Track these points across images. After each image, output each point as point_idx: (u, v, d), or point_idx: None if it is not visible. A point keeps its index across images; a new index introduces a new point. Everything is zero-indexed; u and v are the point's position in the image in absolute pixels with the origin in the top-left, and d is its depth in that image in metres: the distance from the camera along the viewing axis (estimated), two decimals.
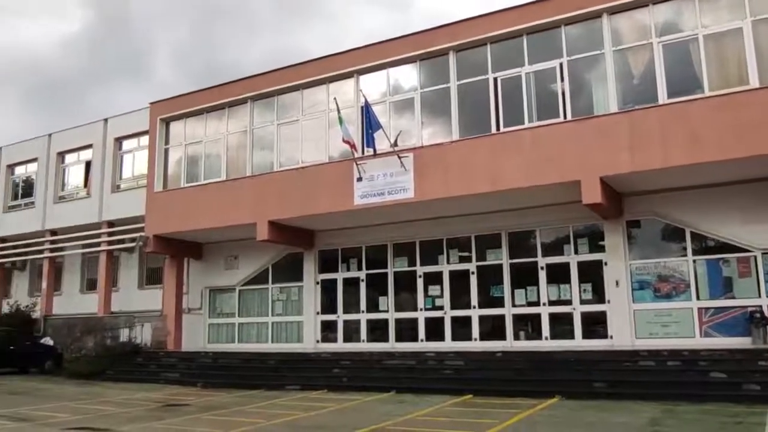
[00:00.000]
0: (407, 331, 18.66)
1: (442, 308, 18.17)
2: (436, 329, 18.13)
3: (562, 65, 15.46)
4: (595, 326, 16.11)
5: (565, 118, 15.21)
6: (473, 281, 17.86)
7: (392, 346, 18.49)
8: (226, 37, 79.46)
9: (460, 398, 13.18)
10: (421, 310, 18.50)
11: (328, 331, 20.09)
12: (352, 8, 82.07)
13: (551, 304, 16.72)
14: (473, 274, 17.92)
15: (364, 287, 19.65)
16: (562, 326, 16.52)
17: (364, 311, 19.49)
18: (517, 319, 17.16)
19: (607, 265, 16.09)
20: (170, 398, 14.99)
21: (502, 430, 9.73)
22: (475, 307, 17.69)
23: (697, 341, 14.57)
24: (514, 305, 17.19)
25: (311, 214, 18.04)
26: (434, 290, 18.43)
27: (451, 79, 16.76)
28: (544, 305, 16.78)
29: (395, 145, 16.45)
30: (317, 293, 20.37)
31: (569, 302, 16.47)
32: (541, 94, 15.75)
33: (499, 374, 14.38)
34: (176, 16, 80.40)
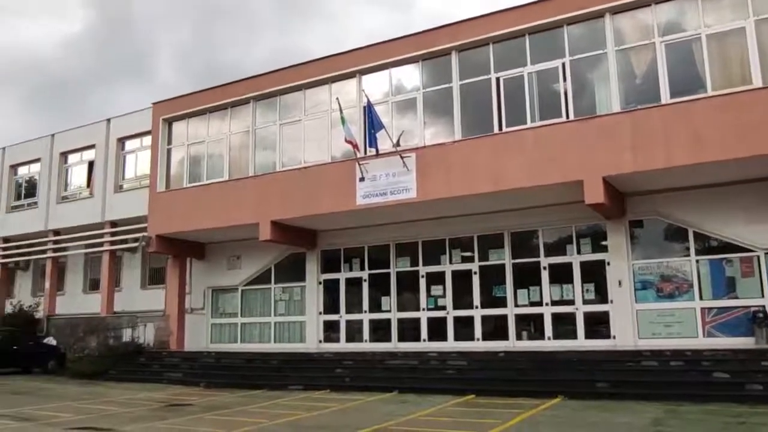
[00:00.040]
0: (410, 331, 18.66)
1: (444, 308, 18.17)
2: (438, 329, 18.12)
3: (564, 65, 15.45)
4: (597, 326, 16.10)
5: (567, 118, 15.19)
6: (476, 281, 17.86)
7: (395, 346, 18.49)
8: (227, 37, 79.62)
9: (462, 398, 13.17)
10: (423, 310, 18.50)
11: (330, 331, 20.09)
12: (353, 8, 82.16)
13: (554, 304, 16.70)
14: (476, 274, 17.92)
15: (366, 287, 19.65)
16: (564, 326, 16.49)
17: (366, 311, 19.50)
18: (519, 319, 17.15)
19: (609, 265, 16.07)
20: (173, 398, 15.01)
21: (504, 430, 9.72)
22: (477, 307, 17.69)
23: (700, 341, 14.55)
24: (516, 305, 17.18)
25: (314, 214, 18.06)
26: (437, 290, 18.43)
27: (453, 79, 16.76)
28: (546, 305, 16.76)
29: (397, 145, 16.46)
30: (320, 293, 20.37)
31: (572, 302, 16.46)
32: (543, 94, 15.75)
33: (501, 374, 14.36)
34: (178, 16, 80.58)
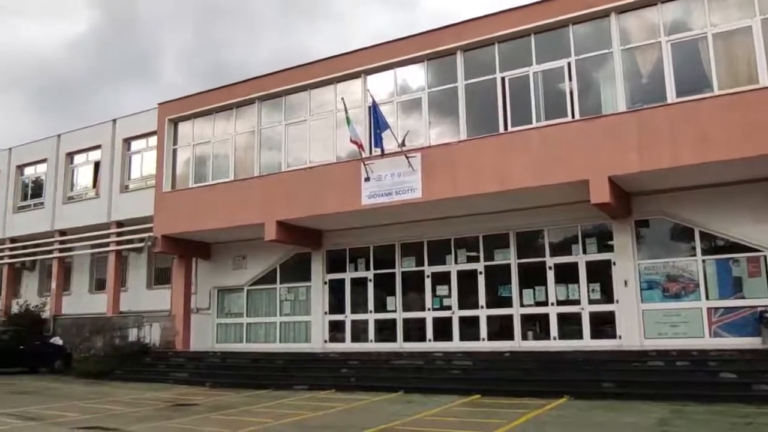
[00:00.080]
0: (415, 331, 18.65)
1: (450, 308, 18.15)
2: (444, 329, 18.10)
3: (570, 64, 15.41)
4: (603, 326, 16.05)
5: (573, 117, 15.16)
6: (481, 281, 17.84)
7: (400, 346, 18.48)
8: (232, 37, 79.78)
9: (468, 398, 13.16)
10: (429, 310, 18.48)
11: (336, 331, 20.09)
12: (358, 8, 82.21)
13: (559, 304, 16.67)
14: (481, 274, 17.89)
15: (371, 287, 19.65)
16: (570, 326, 16.46)
17: (371, 311, 19.50)
18: (525, 319, 17.12)
19: (615, 264, 16.03)
20: (179, 398, 15.04)
21: (510, 430, 9.71)
22: (483, 307, 17.66)
23: (706, 341, 14.49)
24: (522, 305, 17.15)
25: (319, 214, 18.06)
26: (442, 290, 18.40)
27: (458, 78, 16.74)
28: (552, 305, 16.73)
29: (403, 145, 16.43)
30: (325, 293, 20.38)
31: (577, 302, 16.42)
32: (549, 93, 15.71)
33: (507, 374, 14.35)
34: (183, 16, 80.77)
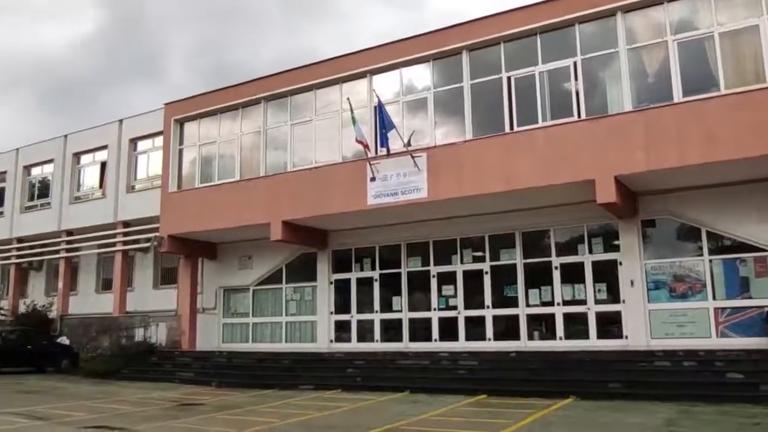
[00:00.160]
0: (421, 331, 18.65)
1: (455, 308, 18.13)
2: (449, 329, 18.09)
3: (576, 64, 15.38)
4: (609, 326, 16.02)
5: (579, 117, 15.12)
6: (487, 281, 17.81)
7: (406, 346, 18.48)
8: (238, 37, 79.91)
9: (474, 398, 13.15)
10: (434, 310, 18.47)
11: (341, 330, 20.10)
12: (363, 8, 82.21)
13: (565, 304, 16.63)
14: (487, 274, 17.87)
15: (377, 287, 19.65)
16: (576, 326, 16.42)
17: (377, 311, 19.50)
18: (531, 319, 17.09)
19: (621, 264, 15.99)
20: (185, 397, 15.07)
21: (516, 430, 9.70)
22: (488, 307, 17.64)
23: (713, 341, 14.43)
24: (528, 305, 17.12)
25: (325, 214, 18.07)
26: (448, 290, 18.39)
27: (464, 78, 16.73)
28: (558, 305, 16.70)
29: (408, 144, 16.44)
30: (331, 293, 20.38)
31: (584, 302, 16.38)
32: (554, 93, 15.69)
33: (513, 374, 14.33)
34: (189, 17, 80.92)
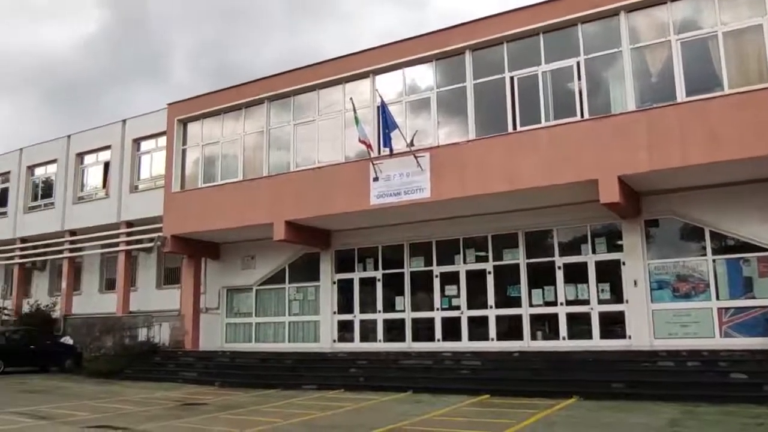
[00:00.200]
0: (424, 330, 18.64)
1: (458, 308, 18.12)
2: (452, 329, 18.07)
3: (579, 64, 15.36)
4: (613, 326, 15.99)
5: (582, 116, 15.10)
6: (490, 281, 17.80)
7: (409, 345, 18.47)
8: (241, 37, 79.98)
9: (477, 398, 13.14)
10: (437, 309, 18.46)
11: (344, 330, 20.10)
12: (366, 8, 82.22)
13: (569, 303, 16.61)
14: (490, 273, 17.86)
15: (380, 287, 19.65)
16: (579, 326, 16.40)
17: (380, 311, 19.50)
18: (534, 319, 17.07)
19: (625, 264, 15.96)
20: (188, 397, 15.09)
21: (519, 430, 9.70)
22: (491, 307, 17.62)
23: (716, 341, 14.39)
24: (531, 305, 17.10)
25: (328, 214, 18.07)
26: (451, 290, 18.38)
27: (467, 78, 16.72)
28: (561, 305, 16.68)
29: (411, 144, 16.42)
30: (334, 293, 20.38)
31: (587, 302, 16.36)
32: (558, 92, 15.67)
33: (516, 374, 14.32)
34: (192, 17, 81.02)
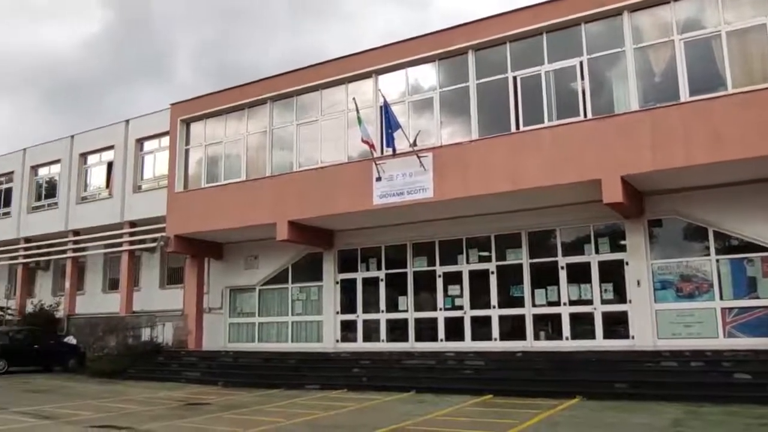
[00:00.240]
0: (427, 330, 18.62)
1: (461, 308, 18.11)
2: (455, 329, 18.07)
3: (582, 63, 15.34)
4: (616, 326, 15.96)
5: (585, 116, 15.09)
6: (493, 281, 17.78)
7: (412, 345, 18.47)
8: (244, 37, 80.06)
9: (480, 398, 13.13)
10: (440, 309, 18.45)
11: (347, 330, 20.10)
12: (369, 8, 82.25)
13: (572, 304, 16.59)
14: (493, 273, 17.84)
15: (383, 287, 19.64)
16: (582, 326, 16.38)
17: (383, 311, 19.49)
18: (537, 319, 17.05)
19: (628, 264, 15.93)
20: (191, 397, 15.11)
21: (522, 430, 9.69)
22: (495, 307, 17.61)
23: (720, 342, 14.35)
24: (534, 305, 17.08)
25: (330, 214, 18.08)
26: (454, 290, 18.37)
27: (470, 78, 16.71)
28: (564, 305, 16.66)
29: (414, 144, 16.41)
30: (337, 293, 20.39)
31: (590, 302, 16.34)
32: (561, 92, 15.65)
33: (519, 374, 14.31)
34: (196, 17, 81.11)
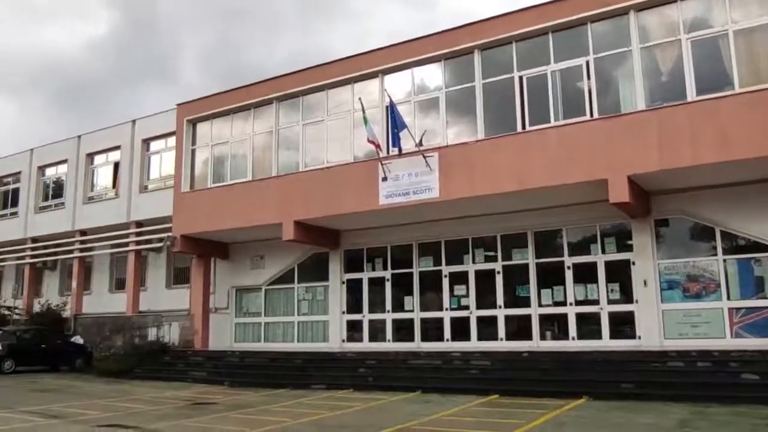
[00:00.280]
0: (433, 330, 18.61)
1: (467, 308, 18.10)
2: (461, 329, 18.05)
3: (588, 63, 15.31)
4: (622, 326, 15.92)
5: (592, 116, 15.05)
6: (499, 281, 17.76)
7: (418, 345, 18.47)
8: (250, 38, 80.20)
9: (486, 398, 13.13)
10: (446, 309, 18.44)
11: (353, 330, 20.10)
12: (375, 8, 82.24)
13: (578, 303, 16.55)
14: (499, 273, 17.82)
15: (389, 287, 19.64)
16: (589, 326, 16.35)
17: (389, 311, 19.49)
18: (543, 319, 17.03)
19: (635, 264, 15.89)
20: (198, 397, 15.15)
21: (528, 430, 9.68)
22: (501, 306, 17.59)
23: (727, 342, 14.31)
24: (540, 305, 17.06)
25: (336, 214, 18.09)
26: (460, 290, 18.35)
27: (476, 78, 16.69)
28: (570, 305, 16.62)
29: (420, 144, 16.42)
30: (343, 293, 20.39)
31: (596, 302, 16.30)
32: (567, 92, 15.63)
33: (525, 374, 14.29)
34: (202, 17, 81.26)
